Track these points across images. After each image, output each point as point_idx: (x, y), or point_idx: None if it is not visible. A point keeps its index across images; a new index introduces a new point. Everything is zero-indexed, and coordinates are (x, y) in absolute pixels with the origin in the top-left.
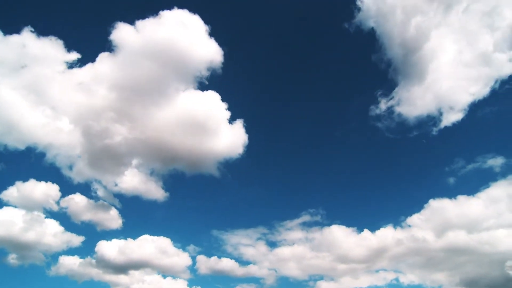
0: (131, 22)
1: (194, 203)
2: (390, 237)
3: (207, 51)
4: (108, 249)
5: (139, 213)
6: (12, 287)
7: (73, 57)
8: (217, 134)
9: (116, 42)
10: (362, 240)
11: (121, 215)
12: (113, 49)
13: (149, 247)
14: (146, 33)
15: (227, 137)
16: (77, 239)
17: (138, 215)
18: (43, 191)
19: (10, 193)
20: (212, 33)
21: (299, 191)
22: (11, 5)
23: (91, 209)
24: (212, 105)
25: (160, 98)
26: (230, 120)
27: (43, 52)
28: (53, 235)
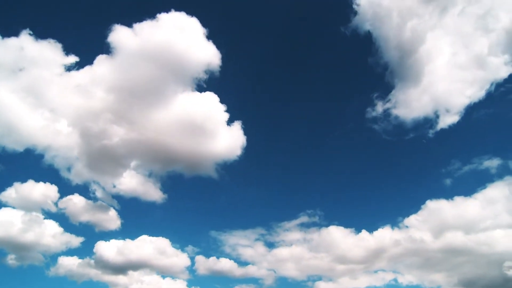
0: (129, 24)
1: (192, 204)
2: (388, 238)
3: (205, 54)
4: (107, 249)
5: (137, 214)
6: (11, 287)
7: (71, 60)
8: (215, 135)
9: (114, 44)
10: (360, 240)
11: (120, 216)
12: (111, 52)
13: (147, 247)
14: (143, 35)
15: (226, 139)
16: (76, 240)
17: (136, 216)
18: (42, 192)
19: (8, 194)
20: (210, 36)
21: (297, 192)
22: (9, 8)
23: (89, 210)
24: (210, 107)
25: (158, 100)
26: (228, 122)
27: (41, 55)
28: (52, 236)
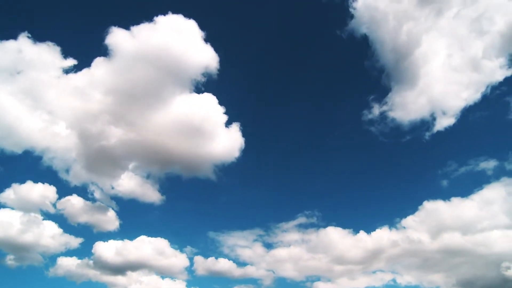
0: (127, 27)
1: (190, 205)
2: (385, 239)
3: (203, 57)
4: (105, 250)
5: (136, 215)
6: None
7: (70, 63)
8: (213, 137)
9: (111, 46)
10: (358, 241)
11: (118, 216)
12: (109, 54)
13: (146, 248)
14: (141, 38)
15: (224, 141)
16: (75, 241)
17: (135, 217)
18: (40, 193)
19: (7, 195)
20: (207, 39)
21: (295, 193)
22: (8, 11)
23: (88, 211)
24: (208, 109)
25: (156, 102)
26: (226, 123)
27: (39, 57)
28: (51, 236)
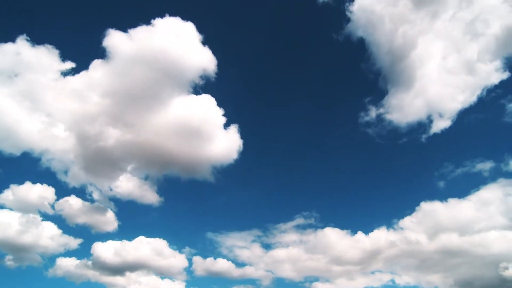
0: (124, 30)
1: (188, 206)
2: (383, 239)
3: (201, 59)
4: (104, 251)
5: (134, 216)
6: None
7: (68, 66)
8: (212, 139)
9: (109, 49)
10: (356, 242)
11: (117, 217)
12: (107, 56)
13: (145, 248)
14: (139, 40)
15: (222, 142)
16: (74, 241)
17: (133, 218)
18: (39, 193)
19: (6, 196)
20: (205, 41)
21: (293, 194)
22: (6, 13)
23: (86, 212)
24: (207, 110)
25: (154, 103)
26: (225, 125)
27: (37, 60)
28: (50, 237)
